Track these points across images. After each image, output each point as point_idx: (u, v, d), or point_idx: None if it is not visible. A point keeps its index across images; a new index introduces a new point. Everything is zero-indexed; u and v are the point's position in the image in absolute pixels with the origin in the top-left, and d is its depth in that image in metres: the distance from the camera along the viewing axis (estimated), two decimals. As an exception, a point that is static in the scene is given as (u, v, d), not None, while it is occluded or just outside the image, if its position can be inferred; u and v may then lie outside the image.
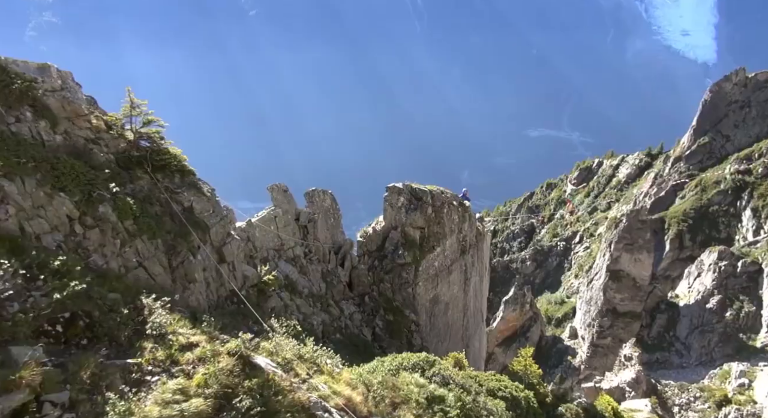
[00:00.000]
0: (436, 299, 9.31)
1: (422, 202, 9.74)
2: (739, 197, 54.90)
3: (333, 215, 10.02)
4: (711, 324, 45.76)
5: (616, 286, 50.25)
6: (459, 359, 7.22)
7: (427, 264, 9.32)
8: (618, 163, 78.96)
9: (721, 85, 59.30)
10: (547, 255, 75.63)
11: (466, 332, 9.48)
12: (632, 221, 50.09)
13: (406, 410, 5.57)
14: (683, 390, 35.00)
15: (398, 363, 6.55)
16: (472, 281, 9.85)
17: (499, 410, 6.02)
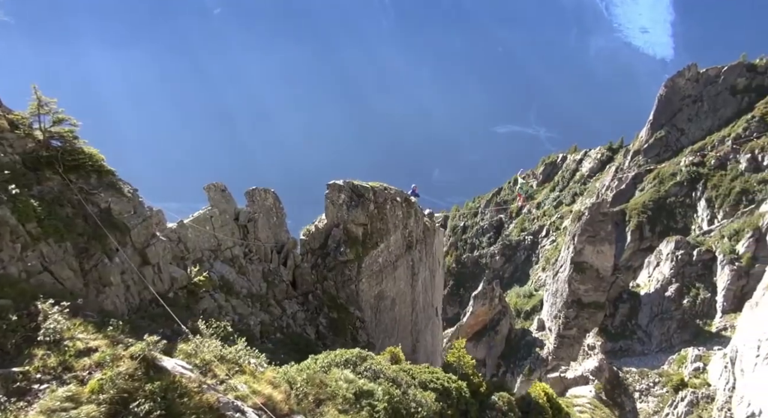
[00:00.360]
0: (381, 295, 9.20)
1: (364, 198, 9.62)
2: (694, 188, 56.90)
3: (276, 214, 9.76)
4: (670, 312, 47.28)
5: (580, 277, 51.36)
6: (395, 353, 7.14)
7: (370, 260, 9.21)
8: (581, 157, 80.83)
9: (675, 81, 61.35)
10: (515, 249, 76.86)
11: (416, 326, 9.41)
12: (594, 213, 51.26)
13: (331, 406, 5.45)
14: (643, 376, 36.06)
15: (330, 360, 6.43)
16: (420, 276, 9.75)
17: (429, 401, 5.96)
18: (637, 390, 35.36)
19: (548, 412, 7.58)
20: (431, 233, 10.96)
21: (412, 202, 9.94)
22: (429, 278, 10.81)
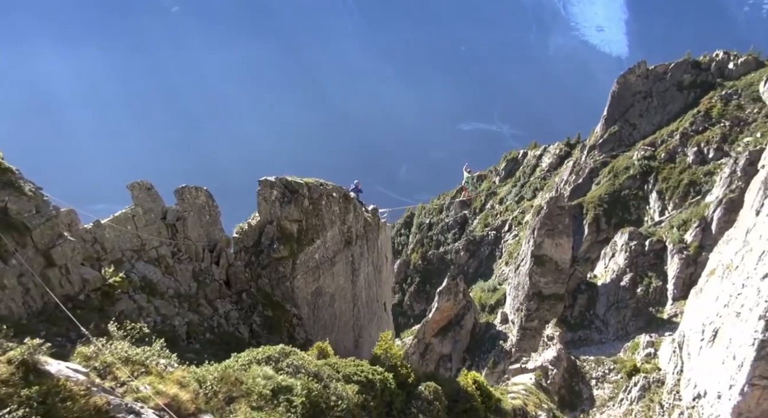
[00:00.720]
0: (319, 291, 9.13)
1: (298, 194, 9.50)
2: (646, 181, 59.03)
3: (209, 212, 9.51)
4: (625, 300, 49.02)
5: (540, 270, 52.55)
6: (322, 348, 7.10)
7: (306, 257, 9.11)
8: (541, 153, 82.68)
9: (627, 77, 63.49)
10: (479, 245, 77.96)
11: (358, 322, 9.37)
12: (552, 207, 52.51)
13: (244, 404, 5.34)
14: (599, 364, 37.26)
15: (252, 357, 6.33)
16: (362, 271, 9.72)
17: (350, 394, 5.93)
18: (593, 377, 36.52)
19: (477, 399, 7.69)
20: (374, 229, 10.92)
21: (350, 197, 9.87)
22: (373, 273, 10.78)
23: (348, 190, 10.55)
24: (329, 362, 6.54)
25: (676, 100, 59.91)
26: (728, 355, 26.12)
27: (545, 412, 8.71)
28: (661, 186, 56.98)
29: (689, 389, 29.73)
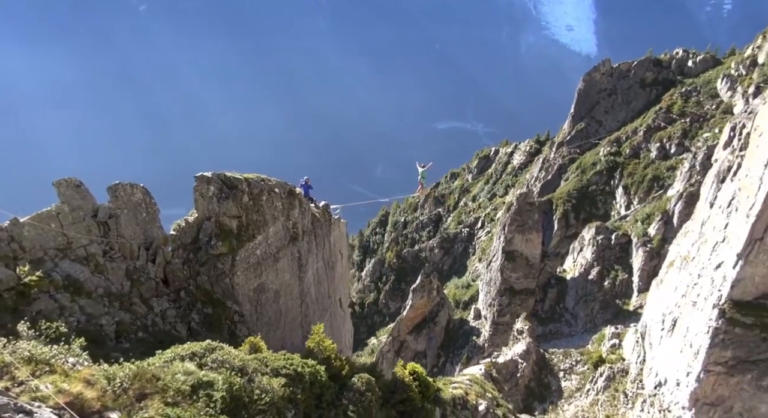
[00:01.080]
0: (262, 288, 9.04)
1: (237, 190, 9.38)
2: (612, 177, 60.45)
3: (146, 210, 9.29)
4: (593, 293, 50.13)
5: (511, 265, 53.23)
6: (254, 343, 7.05)
7: (246, 253, 9.01)
8: (512, 150, 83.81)
9: (592, 75, 64.91)
10: (453, 242, 78.64)
11: (306, 318, 9.32)
12: (521, 203, 53.29)
13: (157, 400, 5.25)
14: (567, 356, 38.02)
15: (175, 354, 6.24)
16: (310, 267, 9.66)
17: (276, 387, 5.91)
18: (561, 369, 37.26)
19: (414, 389, 7.78)
20: (323, 225, 10.87)
21: (295, 193, 9.79)
22: (324, 269, 10.75)
23: (295, 187, 10.47)
24: (258, 356, 6.50)
25: (640, 97, 61.53)
26: (686, 343, 26.99)
27: (487, 400, 8.86)
28: (627, 181, 58.42)
29: (651, 378, 30.62)
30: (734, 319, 23.93)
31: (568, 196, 62.40)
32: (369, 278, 79.88)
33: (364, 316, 78.13)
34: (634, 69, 63.17)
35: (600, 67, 64.51)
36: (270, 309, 8.77)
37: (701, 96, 55.79)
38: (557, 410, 35.02)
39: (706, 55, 60.72)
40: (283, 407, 5.82)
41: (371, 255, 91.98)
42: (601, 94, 63.86)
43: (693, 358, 25.82)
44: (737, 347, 23.90)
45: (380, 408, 7.44)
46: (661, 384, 29.34)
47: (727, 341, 24.09)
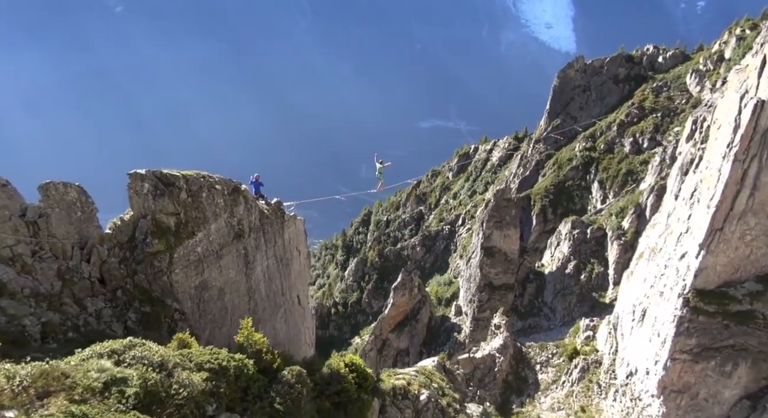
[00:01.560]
0: (204, 285, 9.00)
1: (174, 187, 9.29)
2: (587, 172, 61.31)
3: (81, 209, 9.16)
4: (570, 287, 50.80)
5: (490, 261, 53.66)
6: (183, 339, 7.07)
7: (185, 250, 8.93)
8: (491, 147, 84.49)
9: (566, 72, 65.77)
10: (434, 240, 78.98)
11: (256, 315, 9.30)
12: (499, 200, 53.78)
13: (62, 397, 5.21)
14: (543, 349, 38.56)
15: (94, 351, 6.23)
16: (258, 264, 9.64)
17: (197, 381, 5.95)
18: (538, 362, 37.78)
19: (350, 380, 7.87)
20: (273, 221, 10.85)
21: (240, 190, 9.75)
22: (276, 266, 10.74)
23: (242, 184, 10.42)
24: (183, 352, 6.52)
25: (613, 92, 62.54)
26: (654, 333, 27.62)
27: (431, 390, 9.00)
28: (602, 176, 59.32)
29: (623, 368, 31.25)
30: (698, 307, 24.59)
31: (545, 191, 63.15)
32: (352, 277, 79.90)
33: (347, 316, 78.15)
34: (607, 65, 64.20)
35: (574, 63, 65.41)
36: (214, 307, 8.77)
37: (672, 91, 56.94)
38: (534, 402, 35.53)
39: (675, 51, 61.98)
40: (204, 400, 5.86)
41: (355, 255, 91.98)
42: (576, 91, 64.77)
43: (660, 347, 26.44)
44: (701, 334, 24.55)
45: (313, 400, 7.53)
46: (632, 374, 29.97)
47: (691, 329, 24.74)
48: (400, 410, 9.03)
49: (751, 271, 23.95)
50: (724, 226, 23.55)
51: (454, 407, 10.34)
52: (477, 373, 38.88)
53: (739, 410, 23.93)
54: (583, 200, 61.81)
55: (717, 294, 24.41)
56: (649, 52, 63.56)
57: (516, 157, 74.40)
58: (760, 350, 23.42)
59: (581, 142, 62.29)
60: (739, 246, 23.64)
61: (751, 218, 23.08)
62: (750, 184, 22.64)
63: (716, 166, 23.95)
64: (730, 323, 23.91)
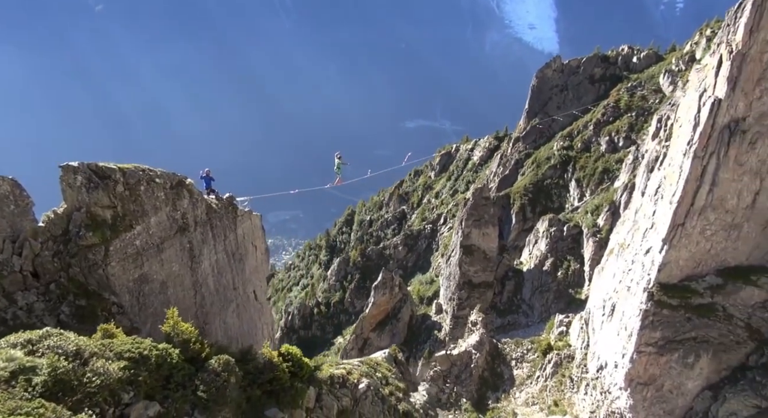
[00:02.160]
0: (145, 278, 9.00)
1: (110, 180, 9.29)
2: (565, 170, 62.19)
3: (14, 202, 9.11)
4: (547, 284, 51.55)
5: (469, 259, 54.12)
6: (107, 329, 7.14)
7: (122, 243, 8.92)
8: (472, 147, 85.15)
9: (544, 72, 66.63)
10: (416, 239, 79.32)
11: (203, 309, 9.34)
12: (477, 198, 54.27)
13: None
14: (518, 345, 39.06)
15: (8, 342, 6.26)
16: (206, 258, 9.66)
17: (114, 369, 6.03)
18: (513, 358, 38.28)
19: (283, 370, 8.01)
20: (223, 216, 10.89)
21: (185, 184, 9.78)
22: (227, 260, 10.80)
23: (186, 178, 10.44)
24: (104, 342, 6.60)
25: (589, 92, 63.54)
26: (622, 327, 28.21)
27: (370, 379, 9.16)
28: (579, 174, 60.21)
29: (594, 362, 31.83)
30: (662, 301, 25.19)
31: (524, 190, 63.89)
32: (334, 277, 79.89)
33: (330, 315, 78.10)
34: (583, 65, 65.20)
35: (551, 63, 66.30)
36: (156, 300, 8.83)
37: (646, 91, 58.03)
38: (509, 397, 36.00)
39: (649, 51, 63.21)
40: (120, 389, 5.96)
41: (338, 255, 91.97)
42: (553, 90, 65.68)
43: (627, 340, 27.03)
44: (665, 327, 25.16)
45: (242, 389, 7.66)
46: (602, 367, 30.56)
47: (656, 322, 25.33)
48: (337, 398, 9.18)
49: (711, 265, 24.62)
50: (686, 221, 24.19)
51: (396, 396, 10.52)
52: (454, 370, 39.23)
53: (701, 401, 24.58)
54: (561, 198, 62.67)
55: (680, 288, 25.04)
56: (624, 52, 64.73)
57: (496, 157, 75.10)
58: (720, 342, 24.09)
59: (559, 141, 63.18)
60: (700, 241, 24.29)
61: (711, 214, 23.73)
62: (709, 181, 23.29)
63: (678, 163, 24.58)
64: (692, 315, 24.54)
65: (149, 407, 6.13)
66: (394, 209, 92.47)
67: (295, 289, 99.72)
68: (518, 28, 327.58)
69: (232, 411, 7.11)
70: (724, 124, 22.37)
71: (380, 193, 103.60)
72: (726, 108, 22.12)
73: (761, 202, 22.94)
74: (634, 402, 26.61)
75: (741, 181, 22.85)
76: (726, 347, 24.02)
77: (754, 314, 23.88)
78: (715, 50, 23.01)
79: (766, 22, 20.51)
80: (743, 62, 21.30)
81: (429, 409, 11.48)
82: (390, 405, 9.92)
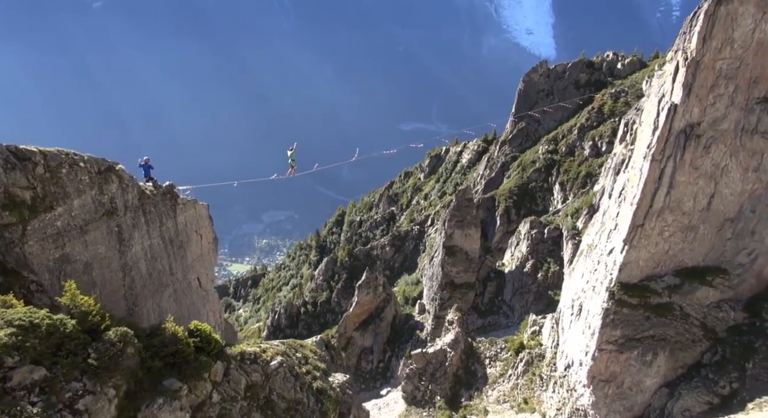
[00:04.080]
0: (66, 259, 9.35)
1: (29, 162, 9.65)
2: (550, 174, 62.88)
3: None
4: (527, 286, 52.12)
5: (451, 260, 54.69)
6: (6, 300, 7.53)
7: (41, 223, 9.25)
8: (461, 149, 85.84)
9: (531, 76, 67.40)
10: (404, 240, 79.87)
11: (132, 291, 9.72)
12: (460, 199, 54.90)
13: None
14: (492, 344, 39.62)
15: None
16: (137, 242, 10.02)
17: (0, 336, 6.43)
18: (487, 357, 38.82)
19: (188, 343, 8.45)
20: (160, 203, 11.30)
21: (115, 169, 10.18)
22: (163, 246, 11.23)
23: (117, 164, 10.80)
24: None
25: (574, 97, 64.30)
26: (586, 325, 28.81)
27: (285, 357, 9.59)
28: (563, 178, 60.93)
29: (562, 360, 32.40)
30: (622, 300, 25.80)
31: (509, 193, 64.55)
32: (321, 276, 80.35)
33: (316, 315, 78.49)
34: (569, 70, 65.98)
35: (538, 68, 67.09)
36: (79, 280, 9.23)
37: (629, 96, 58.80)
38: (482, 395, 36.54)
39: (633, 58, 64.06)
40: (4, 353, 6.42)
41: (328, 255, 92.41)
42: (540, 95, 66.44)
43: (590, 338, 27.62)
44: (625, 326, 25.75)
45: (144, 360, 8.15)
46: (570, 366, 31.13)
47: (616, 321, 25.92)
48: (247, 373, 9.65)
49: (669, 265, 25.23)
50: (645, 222, 24.82)
51: (313, 374, 11.00)
52: (429, 368, 39.80)
53: (659, 398, 25.16)
54: (546, 202, 63.35)
55: (639, 287, 25.64)
56: (608, 58, 65.56)
57: (484, 159, 75.77)
58: (677, 340, 24.68)
59: (544, 145, 63.90)
60: (659, 241, 24.91)
61: (669, 215, 24.36)
62: (667, 183, 23.93)
63: (638, 166, 25.24)
64: (651, 314, 25.13)
65: (34, 371, 6.60)
66: (384, 210, 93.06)
67: (285, 289, 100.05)
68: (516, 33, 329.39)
69: (125, 379, 7.59)
70: (680, 129, 23.02)
71: (371, 194, 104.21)
72: (682, 113, 22.79)
73: (716, 205, 23.58)
74: (596, 399, 27.17)
75: (696, 184, 23.48)
76: (682, 346, 24.62)
77: (709, 313, 24.49)
78: (672, 57, 23.69)
79: (718, 30, 21.20)
80: (697, 69, 21.98)
81: (347, 388, 11.95)
82: (304, 382, 10.39)
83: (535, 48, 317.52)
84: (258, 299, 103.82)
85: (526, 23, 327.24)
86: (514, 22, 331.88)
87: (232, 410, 9.00)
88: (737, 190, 23.14)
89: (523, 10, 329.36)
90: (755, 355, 22.50)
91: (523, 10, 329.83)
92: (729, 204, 23.52)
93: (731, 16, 20.74)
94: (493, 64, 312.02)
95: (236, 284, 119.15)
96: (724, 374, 22.94)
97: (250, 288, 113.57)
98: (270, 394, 9.86)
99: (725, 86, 21.81)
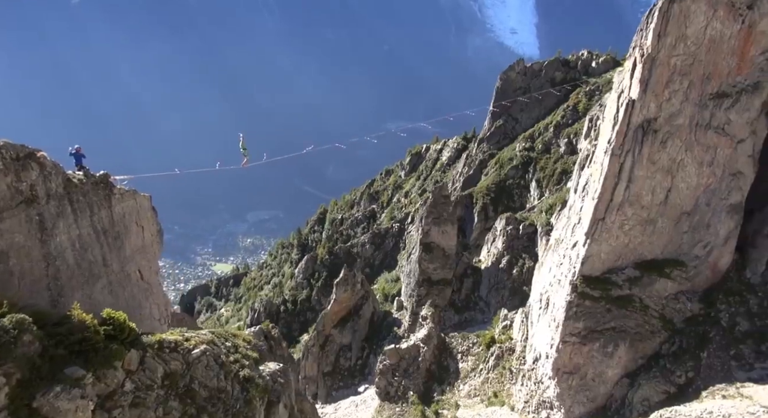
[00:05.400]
0: None
1: None
2: (527, 171, 63.43)
3: None
4: (503, 282, 52.54)
5: (428, 257, 54.85)
6: None
7: None
8: (441, 147, 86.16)
9: (508, 74, 67.91)
10: (384, 237, 79.92)
11: (57, 281, 9.52)
12: (437, 196, 55.10)
13: None
14: (464, 339, 39.87)
15: None
16: (62, 232, 9.80)
17: None
18: (459, 352, 39.06)
19: (96, 332, 8.35)
20: (90, 192, 11.07)
21: (35, 156, 9.94)
22: (95, 237, 11.00)
23: (38, 151, 10.50)
24: None
25: (551, 95, 64.89)
26: (552, 319, 29.13)
27: (207, 345, 9.48)
28: (539, 175, 61.52)
29: (531, 354, 32.73)
30: (584, 293, 26.16)
31: (487, 190, 64.99)
32: (302, 275, 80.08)
33: (296, 313, 78.23)
34: (545, 69, 66.64)
35: (515, 66, 67.61)
36: (-6, 269, 9.06)
37: (603, 94, 59.50)
38: (453, 390, 36.77)
39: (607, 56, 64.93)
40: None
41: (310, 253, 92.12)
42: (517, 93, 66.94)
43: (555, 331, 27.93)
44: (587, 318, 26.11)
45: (46, 348, 8.03)
46: (537, 359, 31.46)
47: (579, 313, 26.27)
48: (165, 361, 9.58)
49: (630, 258, 25.63)
50: (606, 216, 25.16)
51: (241, 363, 10.93)
52: (402, 363, 39.90)
53: (620, 388, 25.55)
54: (522, 198, 63.91)
55: (601, 280, 26.02)
56: (583, 57, 66.34)
57: (463, 157, 76.15)
58: (637, 332, 25.09)
59: (521, 142, 64.43)
60: (619, 235, 25.27)
61: (628, 209, 24.74)
62: (626, 177, 24.28)
63: (600, 161, 25.56)
64: (612, 307, 25.51)
65: None
66: (364, 207, 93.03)
67: (266, 287, 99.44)
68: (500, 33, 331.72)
69: (20, 367, 7.48)
70: (638, 124, 23.38)
71: (352, 192, 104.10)
72: (639, 108, 23.14)
73: (673, 199, 23.99)
74: (560, 391, 27.52)
75: (654, 178, 23.87)
76: (642, 337, 25.03)
77: (667, 305, 24.94)
78: (631, 53, 24.03)
79: (672, 27, 21.56)
80: (653, 65, 22.33)
81: (279, 377, 11.88)
82: (229, 370, 10.33)
83: (519, 47, 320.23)
84: (240, 298, 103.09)
85: (510, 23, 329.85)
86: (498, 22, 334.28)
87: (147, 398, 8.90)
88: (693, 184, 23.58)
89: (506, 10, 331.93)
90: (710, 344, 22.98)
91: (507, 9, 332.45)
92: (685, 198, 23.95)
93: (684, 14, 21.10)
94: (478, 63, 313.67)
95: (218, 284, 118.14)
96: (681, 364, 23.38)
97: (232, 287, 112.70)
98: (191, 382, 9.77)
99: (680, 82, 22.19)
